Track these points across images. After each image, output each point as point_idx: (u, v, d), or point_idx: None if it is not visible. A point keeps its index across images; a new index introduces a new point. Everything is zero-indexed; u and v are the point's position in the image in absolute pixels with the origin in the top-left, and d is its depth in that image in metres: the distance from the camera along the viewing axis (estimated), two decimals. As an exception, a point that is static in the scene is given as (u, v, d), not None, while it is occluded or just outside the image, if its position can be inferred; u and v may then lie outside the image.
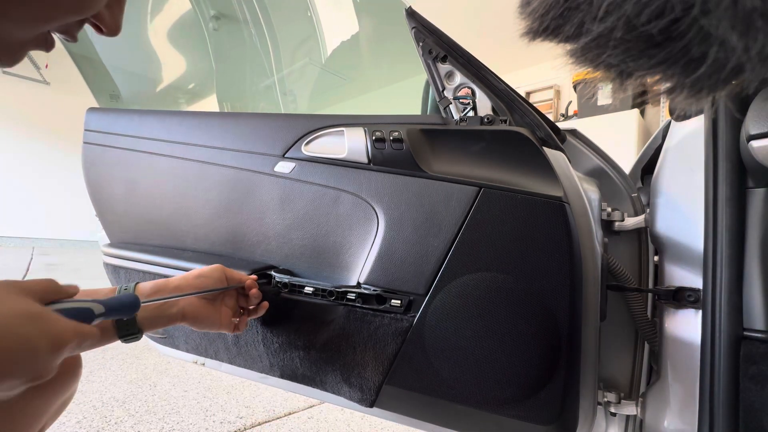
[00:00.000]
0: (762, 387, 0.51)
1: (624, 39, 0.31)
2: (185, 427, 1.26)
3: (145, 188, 0.90)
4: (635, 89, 0.36)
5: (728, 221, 0.55)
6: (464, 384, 0.62)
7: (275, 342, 0.74)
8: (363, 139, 0.70)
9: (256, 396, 1.50)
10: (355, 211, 0.70)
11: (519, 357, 0.60)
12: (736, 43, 0.27)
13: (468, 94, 0.72)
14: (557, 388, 0.59)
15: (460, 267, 0.62)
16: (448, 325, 0.62)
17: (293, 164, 0.75)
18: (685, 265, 0.65)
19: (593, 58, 0.34)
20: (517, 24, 0.39)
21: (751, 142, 0.49)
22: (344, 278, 0.72)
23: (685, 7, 0.27)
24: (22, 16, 0.32)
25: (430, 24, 0.73)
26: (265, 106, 2.34)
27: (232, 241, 0.81)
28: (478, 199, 0.62)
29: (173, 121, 0.88)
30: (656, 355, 0.68)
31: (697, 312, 0.62)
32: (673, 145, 0.68)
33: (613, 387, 0.73)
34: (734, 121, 0.55)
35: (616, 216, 0.72)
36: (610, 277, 0.71)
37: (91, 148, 0.95)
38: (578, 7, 0.33)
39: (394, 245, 0.67)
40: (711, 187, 0.57)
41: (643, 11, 0.29)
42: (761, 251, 0.54)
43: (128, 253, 0.89)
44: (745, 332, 0.54)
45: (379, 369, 0.66)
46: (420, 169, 0.66)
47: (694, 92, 0.31)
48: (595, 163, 0.78)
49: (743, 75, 0.28)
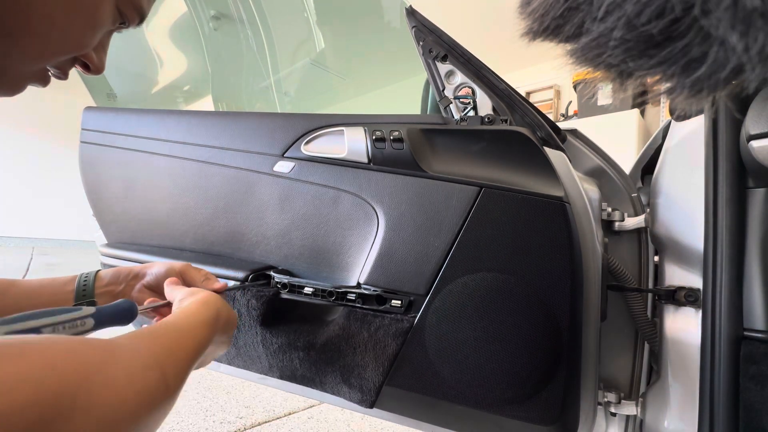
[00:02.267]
0: (762, 387, 0.51)
1: (624, 39, 0.31)
2: (185, 427, 1.26)
3: (142, 188, 0.90)
4: (635, 89, 0.36)
5: (728, 221, 0.55)
6: (465, 384, 0.62)
7: (274, 343, 0.74)
8: (363, 139, 0.70)
9: (256, 396, 1.50)
10: (355, 211, 0.70)
11: (520, 357, 0.59)
12: (736, 43, 0.27)
13: (468, 93, 0.72)
14: (558, 388, 0.59)
15: (461, 267, 0.62)
16: (449, 326, 0.62)
17: (293, 164, 0.75)
18: (685, 265, 0.65)
19: (593, 58, 0.34)
20: (517, 24, 0.39)
21: (751, 142, 0.49)
22: (344, 278, 0.72)
23: (685, 7, 0.27)
24: (28, 52, 0.37)
25: (431, 23, 0.73)
26: (262, 106, 2.33)
27: (230, 241, 0.81)
28: (478, 199, 0.62)
29: (171, 120, 0.88)
30: (656, 355, 0.68)
31: (697, 312, 0.62)
32: (673, 145, 0.68)
33: (613, 387, 0.73)
34: (734, 121, 0.55)
35: (617, 216, 0.72)
36: (610, 277, 0.71)
37: (88, 148, 0.95)
38: (578, 7, 0.33)
39: (394, 245, 0.67)
40: (711, 187, 0.57)
41: (644, 11, 0.29)
42: (761, 251, 0.54)
43: (126, 253, 0.89)
44: (745, 332, 0.54)
45: (379, 370, 0.66)
46: (420, 168, 0.66)
47: (694, 92, 0.31)
48: (596, 163, 0.78)
49: (743, 75, 0.28)
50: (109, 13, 0.40)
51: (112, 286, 0.59)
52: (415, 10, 0.74)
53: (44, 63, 0.40)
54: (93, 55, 0.43)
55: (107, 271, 0.60)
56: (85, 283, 0.57)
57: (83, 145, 0.95)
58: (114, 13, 0.41)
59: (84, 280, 0.58)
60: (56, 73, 0.42)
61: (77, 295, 0.56)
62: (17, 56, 0.37)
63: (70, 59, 0.42)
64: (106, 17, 0.40)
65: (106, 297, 0.58)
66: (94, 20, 0.39)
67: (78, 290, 0.57)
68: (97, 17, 0.39)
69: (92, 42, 0.41)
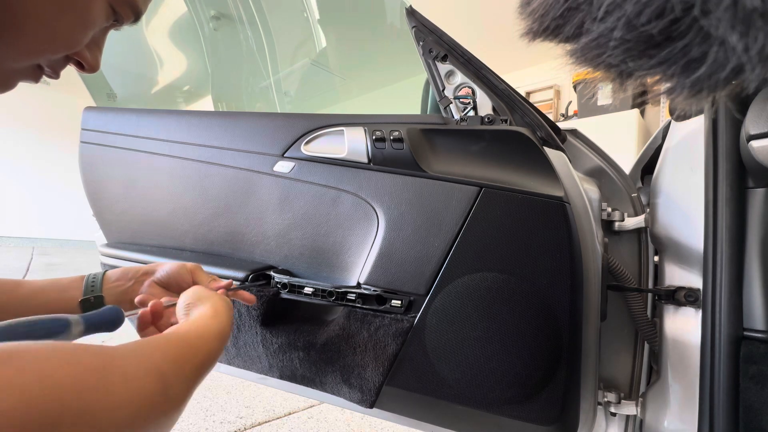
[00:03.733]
0: (762, 387, 0.51)
1: (624, 39, 0.31)
2: (185, 427, 1.26)
3: (142, 188, 0.90)
4: (635, 89, 0.36)
5: (728, 221, 0.55)
6: (465, 384, 0.62)
7: (274, 343, 0.74)
8: (363, 139, 0.70)
9: (256, 396, 1.50)
10: (355, 211, 0.70)
11: (520, 357, 0.59)
12: (736, 43, 0.27)
13: (468, 93, 0.72)
14: (558, 388, 0.59)
15: (461, 267, 0.62)
16: (449, 326, 0.62)
17: (293, 164, 0.75)
18: (685, 265, 0.65)
19: (593, 58, 0.34)
20: (517, 24, 0.39)
21: (751, 142, 0.49)
22: (344, 278, 0.72)
23: (685, 8, 0.27)
24: (16, 49, 0.36)
25: (431, 23, 0.73)
26: (262, 106, 2.33)
27: (230, 241, 0.81)
28: (478, 199, 0.62)
29: (171, 120, 0.88)
30: (656, 355, 0.68)
31: (697, 312, 0.62)
32: (673, 145, 0.68)
33: (613, 387, 0.73)
34: (734, 121, 0.55)
35: (616, 216, 0.72)
36: (610, 277, 0.71)
37: (88, 148, 0.95)
38: (578, 8, 0.33)
39: (394, 245, 0.67)
40: (711, 187, 0.57)
41: (643, 11, 0.29)
42: (761, 251, 0.54)
43: (126, 253, 0.89)
44: (745, 332, 0.54)
45: (379, 370, 0.66)
46: (420, 168, 0.66)
47: (694, 92, 0.31)
48: (596, 163, 0.78)
49: (743, 75, 0.28)
50: (101, 11, 0.39)
51: (120, 282, 0.59)
52: (415, 11, 0.74)
53: (33, 61, 0.39)
54: (86, 53, 0.42)
55: (115, 270, 0.61)
56: (93, 280, 0.58)
57: (83, 145, 0.95)
58: (107, 11, 0.40)
59: (93, 277, 0.58)
60: (48, 72, 0.42)
61: (86, 290, 0.56)
62: (4, 53, 0.36)
63: (63, 57, 0.41)
64: (98, 15, 0.39)
65: (114, 292, 0.58)
66: (85, 18, 0.38)
67: (86, 286, 0.57)
68: (89, 15, 0.39)
69: (83, 40, 0.40)
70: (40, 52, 0.38)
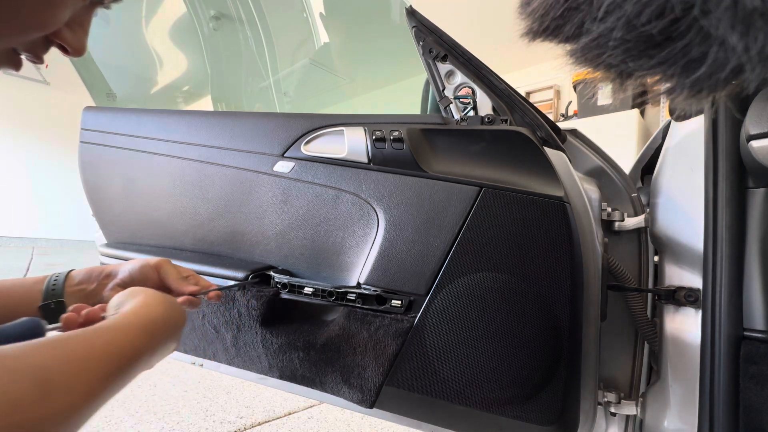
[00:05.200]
0: (762, 387, 0.51)
1: (624, 39, 0.31)
2: (185, 427, 1.26)
3: (142, 188, 0.90)
4: (635, 89, 0.36)
5: (728, 221, 0.55)
6: (465, 384, 0.62)
7: (274, 343, 0.74)
8: (363, 139, 0.70)
9: (256, 396, 1.50)
10: (355, 211, 0.70)
11: (520, 357, 0.59)
12: (736, 43, 0.27)
13: (468, 93, 0.72)
14: (558, 388, 0.59)
15: (461, 267, 0.62)
16: (449, 326, 0.62)
17: (292, 164, 0.75)
18: (685, 265, 0.65)
19: (593, 58, 0.34)
20: (517, 24, 0.39)
21: (751, 142, 0.49)
22: (344, 278, 0.72)
23: (685, 8, 0.27)
24: None
25: (431, 23, 0.73)
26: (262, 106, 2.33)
27: (230, 241, 0.81)
28: (478, 199, 0.62)
29: (171, 119, 0.88)
30: (656, 355, 0.68)
31: (697, 312, 0.62)
32: (673, 145, 0.68)
33: (613, 387, 0.73)
34: (734, 121, 0.55)
35: (616, 216, 0.72)
36: (610, 277, 0.71)
37: (88, 148, 0.95)
38: (578, 8, 0.33)
39: (394, 245, 0.66)
40: (711, 187, 0.57)
41: (643, 11, 0.29)
42: (761, 251, 0.54)
43: (125, 253, 0.89)
44: (745, 332, 0.54)
45: (379, 370, 0.66)
46: (420, 168, 0.66)
47: (694, 92, 0.31)
48: (596, 163, 0.78)
49: (743, 75, 0.28)
50: None
51: (84, 285, 0.56)
52: (416, 10, 0.74)
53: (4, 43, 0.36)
54: (67, 34, 0.39)
55: (80, 270, 0.58)
56: (54, 282, 0.55)
57: (83, 145, 0.95)
58: None
59: (54, 279, 0.55)
60: (29, 57, 0.39)
61: (45, 294, 0.54)
62: None
63: (42, 40, 0.38)
64: None
65: (77, 296, 0.55)
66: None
67: (47, 289, 0.54)
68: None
69: (56, 20, 0.36)
70: (5, 35, 0.35)
